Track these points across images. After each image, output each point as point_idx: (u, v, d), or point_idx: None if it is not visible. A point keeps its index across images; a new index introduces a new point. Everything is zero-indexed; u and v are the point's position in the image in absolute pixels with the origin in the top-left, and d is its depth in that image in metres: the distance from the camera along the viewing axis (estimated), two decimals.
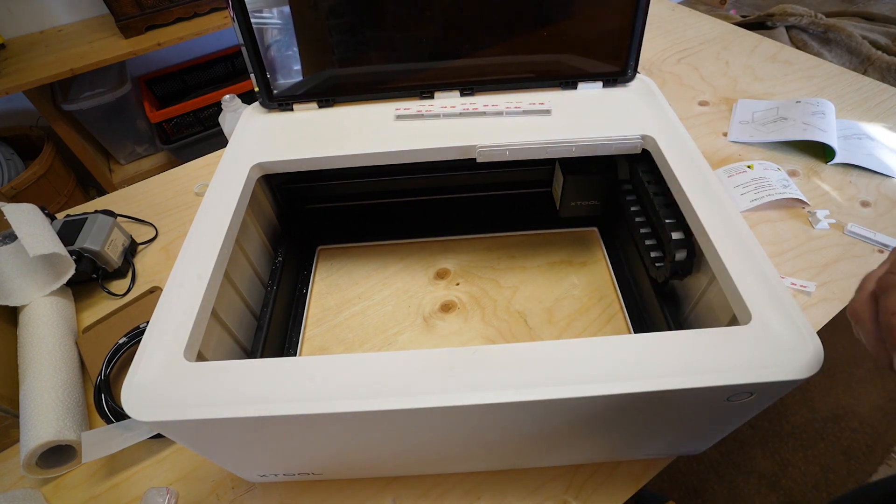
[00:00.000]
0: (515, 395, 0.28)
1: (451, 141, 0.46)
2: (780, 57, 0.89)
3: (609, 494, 0.42)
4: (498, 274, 0.57)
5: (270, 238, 0.53)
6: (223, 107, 0.66)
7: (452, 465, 0.43)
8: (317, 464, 0.40)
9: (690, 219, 0.38)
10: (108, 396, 0.47)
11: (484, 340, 0.51)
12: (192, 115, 1.48)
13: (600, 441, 0.38)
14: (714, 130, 0.75)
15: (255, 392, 0.29)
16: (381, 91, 0.52)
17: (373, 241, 0.62)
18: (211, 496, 0.43)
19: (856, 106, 0.76)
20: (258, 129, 0.50)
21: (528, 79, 0.52)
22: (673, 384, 0.28)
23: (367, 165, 0.47)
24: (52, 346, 0.50)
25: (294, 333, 0.53)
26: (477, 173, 0.54)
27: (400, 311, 0.55)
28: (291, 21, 0.50)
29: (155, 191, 0.74)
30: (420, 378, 0.30)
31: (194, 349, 0.33)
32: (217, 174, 0.45)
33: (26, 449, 0.42)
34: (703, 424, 0.37)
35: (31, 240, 0.52)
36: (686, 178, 0.40)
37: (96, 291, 0.60)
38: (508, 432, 0.35)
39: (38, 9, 1.37)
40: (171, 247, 0.66)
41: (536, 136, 0.45)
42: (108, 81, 1.39)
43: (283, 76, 0.52)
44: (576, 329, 0.52)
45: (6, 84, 1.17)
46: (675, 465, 0.44)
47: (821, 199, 0.63)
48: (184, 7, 1.36)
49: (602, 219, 0.61)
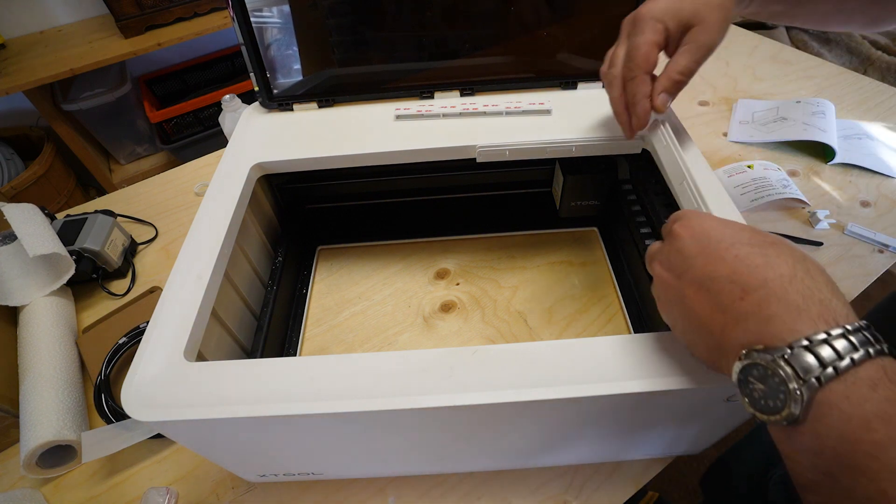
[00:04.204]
0: (515, 395, 0.28)
1: (451, 141, 0.46)
2: (780, 57, 0.89)
3: (609, 494, 0.42)
4: (498, 274, 0.57)
5: (270, 238, 0.53)
6: (223, 107, 0.66)
7: (452, 465, 0.43)
8: (317, 464, 0.40)
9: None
10: (108, 396, 0.47)
11: (484, 340, 0.51)
12: (192, 115, 1.48)
13: (600, 441, 0.38)
14: (714, 130, 0.75)
15: (255, 392, 0.29)
16: (381, 91, 0.52)
17: (373, 241, 0.62)
18: (211, 496, 0.43)
19: (856, 106, 0.76)
20: (258, 129, 0.50)
21: (528, 79, 0.52)
22: (672, 384, 0.28)
23: (367, 165, 0.47)
24: (52, 346, 0.50)
25: (294, 333, 0.53)
26: (477, 173, 0.54)
27: (400, 311, 0.55)
28: (291, 21, 0.50)
29: (155, 191, 0.74)
30: (420, 378, 0.29)
31: (194, 349, 0.33)
32: (217, 174, 0.45)
33: (26, 449, 0.42)
34: (702, 424, 0.38)
35: (31, 240, 0.52)
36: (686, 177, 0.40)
37: (96, 291, 0.60)
38: (508, 432, 0.35)
39: (38, 9, 1.37)
40: (171, 247, 0.66)
41: (536, 136, 0.45)
42: (108, 81, 1.39)
43: (283, 76, 0.52)
44: (576, 329, 0.52)
45: (6, 84, 1.17)
46: (675, 465, 0.44)
47: (821, 199, 0.63)
48: (184, 7, 1.36)
49: (602, 219, 0.61)
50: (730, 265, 0.24)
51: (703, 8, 0.34)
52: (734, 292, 0.23)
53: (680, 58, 0.35)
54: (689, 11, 0.34)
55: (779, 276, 0.22)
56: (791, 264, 0.23)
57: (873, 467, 0.18)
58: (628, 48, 0.36)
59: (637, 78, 0.36)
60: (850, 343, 0.20)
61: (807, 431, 0.20)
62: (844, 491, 0.19)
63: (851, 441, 0.19)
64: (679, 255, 0.26)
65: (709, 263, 0.25)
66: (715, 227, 0.26)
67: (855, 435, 0.19)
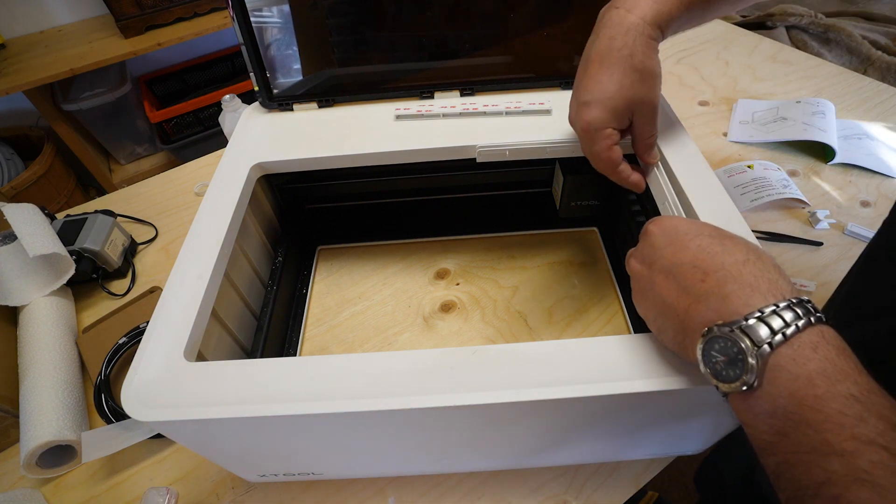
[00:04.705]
0: (515, 395, 0.28)
1: (451, 141, 0.46)
2: (780, 57, 0.89)
3: (609, 494, 0.42)
4: (498, 274, 0.57)
5: (270, 238, 0.53)
6: (223, 107, 0.66)
7: (452, 465, 0.43)
8: (317, 464, 0.40)
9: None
10: (108, 396, 0.47)
11: (484, 340, 0.51)
12: (192, 115, 1.48)
13: (600, 441, 0.38)
14: (714, 130, 0.75)
15: (255, 392, 0.29)
16: (381, 91, 0.52)
17: (373, 241, 0.62)
18: (211, 496, 0.44)
19: (856, 106, 0.76)
20: (258, 129, 0.50)
21: (528, 79, 0.52)
22: (672, 384, 0.28)
23: (367, 165, 0.47)
24: (52, 346, 0.50)
25: (294, 333, 0.53)
26: (477, 173, 0.54)
27: (400, 311, 0.55)
28: (291, 20, 0.50)
29: (155, 191, 0.74)
30: (420, 378, 0.29)
31: (194, 349, 0.33)
32: (217, 174, 0.45)
33: (26, 449, 0.42)
34: (702, 424, 0.37)
35: (31, 240, 0.52)
36: (686, 178, 0.40)
37: (96, 291, 0.60)
38: (508, 432, 0.35)
39: (38, 9, 1.37)
40: (171, 247, 0.66)
41: (536, 136, 0.45)
42: (108, 81, 1.39)
43: (283, 76, 0.52)
44: (576, 329, 0.52)
45: (6, 84, 1.18)
46: (675, 465, 0.44)
47: (821, 199, 0.63)
48: (184, 7, 1.36)
49: (602, 219, 0.61)
50: (693, 253, 0.27)
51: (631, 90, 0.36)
52: (696, 275, 0.26)
53: (643, 128, 0.39)
54: (624, 101, 0.36)
55: (735, 260, 0.25)
56: (745, 251, 0.26)
57: (817, 419, 0.20)
58: (592, 157, 0.39)
59: (614, 171, 0.39)
60: (795, 313, 0.23)
61: (762, 395, 0.22)
62: (794, 445, 0.21)
63: (798, 398, 0.21)
64: (651, 248, 0.30)
65: (675, 253, 0.28)
66: (682, 223, 0.30)
67: (801, 392, 0.21)
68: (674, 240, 0.29)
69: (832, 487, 0.19)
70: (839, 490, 0.19)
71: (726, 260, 0.26)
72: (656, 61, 0.36)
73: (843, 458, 0.19)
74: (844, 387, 0.20)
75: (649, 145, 0.40)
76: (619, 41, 0.35)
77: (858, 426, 0.19)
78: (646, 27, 0.35)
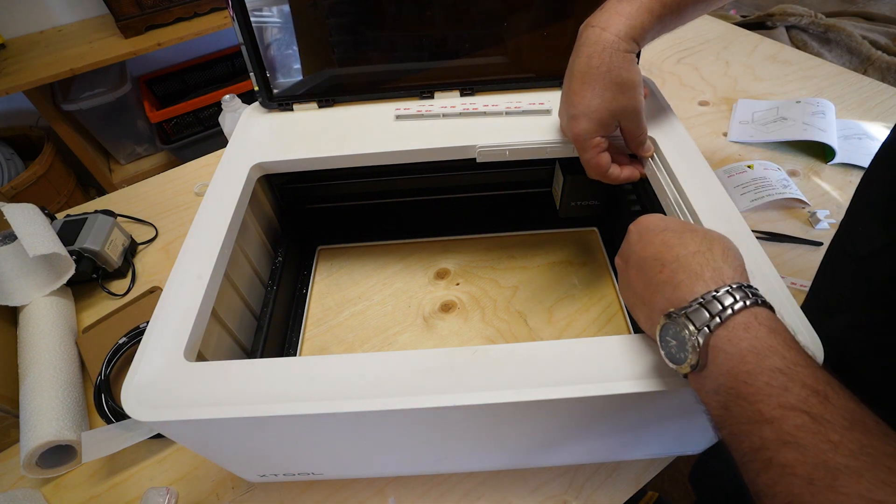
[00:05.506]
0: (515, 395, 0.28)
1: (451, 141, 0.46)
2: (780, 57, 0.89)
3: (609, 494, 0.42)
4: (498, 274, 0.57)
5: (270, 238, 0.53)
6: (223, 107, 0.66)
7: (452, 465, 0.43)
8: (317, 464, 0.40)
9: (690, 219, 0.38)
10: (108, 396, 0.47)
11: (484, 340, 0.51)
12: (192, 115, 1.48)
13: (600, 441, 0.38)
14: (714, 130, 0.75)
15: (255, 392, 0.29)
16: (381, 91, 0.52)
17: (373, 241, 0.62)
18: (211, 496, 0.44)
19: (856, 106, 0.76)
20: (258, 129, 0.50)
21: (528, 79, 0.52)
22: (672, 384, 0.28)
23: (368, 165, 0.47)
24: (52, 346, 0.50)
25: (294, 333, 0.53)
26: (477, 173, 0.54)
27: (400, 311, 0.55)
28: (291, 20, 0.50)
29: (155, 191, 0.74)
30: (420, 378, 0.30)
31: (194, 349, 0.33)
32: (217, 174, 0.45)
33: (26, 449, 0.42)
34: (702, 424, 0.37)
35: (31, 240, 0.52)
36: (686, 178, 0.40)
37: (96, 291, 0.60)
38: (508, 432, 0.35)
39: (38, 9, 1.37)
40: (171, 247, 0.66)
41: (536, 136, 0.45)
42: (108, 81, 1.39)
43: (283, 76, 0.52)
44: (576, 329, 0.52)
45: (6, 84, 1.17)
46: (675, 465, 0.44)
47: (821, 199, 0.63)
48: (184, 7, 1.36)
49: (602, 219, 0.61)
50: (656, 247, 0.30)
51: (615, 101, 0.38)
52: (656, 267, 0.29)
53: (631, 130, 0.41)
54: (608, 112, 0.39)
55: (687, 252, 0.28)
56: (698, 244, 0.28)
57: (749, 391, 0.22)
58: (584, 164, 0.42)
59: (605, 175, 0.42)
60: (732, 297, 0.25)
61: (708, 374, 0.25)
62: (735, 417, 0.23)
63: (734, 374, 0.23)
64: (628, 244, 0.33)
65: (644, 248, 0.30)
66: (654, 220, 0.32)
67: (735, 368, 0.23)
68: (643, 236, 0.31)
69: (765, 452, 0.21)
70: (770, 454, 0.21)
71: (680, 252, 0.28)
72: (634, 71, 0.38)
73: (772, 424, 0.21)
74: (772, 361, 0.22)
75: (640, 142, 0.42)
76: (596, 59, 0.37)
77: (783, 395, 0.21)
78: (620, 43, 0.37)
